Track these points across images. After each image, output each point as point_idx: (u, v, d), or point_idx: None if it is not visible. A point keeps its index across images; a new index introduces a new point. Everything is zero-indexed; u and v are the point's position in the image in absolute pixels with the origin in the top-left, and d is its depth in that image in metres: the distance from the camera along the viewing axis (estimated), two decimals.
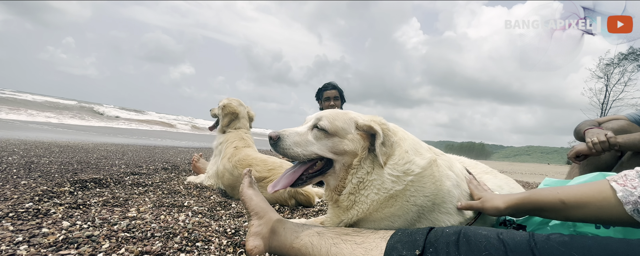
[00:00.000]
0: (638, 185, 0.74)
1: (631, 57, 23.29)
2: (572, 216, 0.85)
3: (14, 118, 12.96)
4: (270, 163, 2.20)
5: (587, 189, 0.83)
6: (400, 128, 1.24)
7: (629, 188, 0.75)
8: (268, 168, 2.17)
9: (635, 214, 0.74)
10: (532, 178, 7.30)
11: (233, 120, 2.66)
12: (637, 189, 0.74)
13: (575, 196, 0.83)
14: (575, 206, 0.83)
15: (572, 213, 0.84)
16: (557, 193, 0.87)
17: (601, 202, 0.79)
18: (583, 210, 0.82)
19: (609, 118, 2.01)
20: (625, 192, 0.75)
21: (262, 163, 2.21)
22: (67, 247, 1.00)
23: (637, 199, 0.73)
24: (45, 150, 3.83)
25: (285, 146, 1.12)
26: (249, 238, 1.11)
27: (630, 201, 0.74)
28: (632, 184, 0.75)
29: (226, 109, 2.65)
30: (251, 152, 2.42)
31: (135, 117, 24.87)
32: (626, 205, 0.74)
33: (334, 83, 3.87)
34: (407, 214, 1.10)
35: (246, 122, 2.73)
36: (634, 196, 0.74)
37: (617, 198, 0.76)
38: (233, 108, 2.64)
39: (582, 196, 0.82)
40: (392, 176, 1.08)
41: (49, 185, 1.88)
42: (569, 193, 0.85)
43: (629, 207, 0.74)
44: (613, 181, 0.79)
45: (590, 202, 0.81)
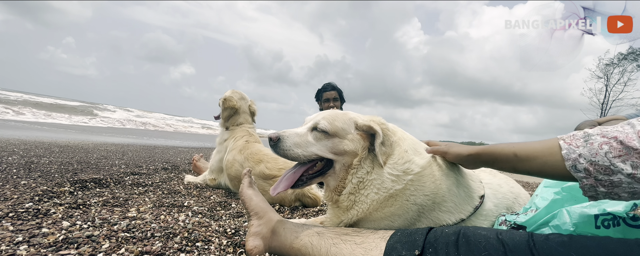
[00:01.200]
0: (581, 145, 0.79)
1: (631, 57, 23.29)
2: (520, 168, 0.91)
3: (13, 118, 12.96)
4: (281, 162, 2.17)
5: (539, 145, 0.88)
6: (399, 128, 1.25)
7: (573, 147, 0.80)
8: (278, 167, 2.15)
9: (573, 170, 0.79)
10: (532, 178, 7.30)
11: (232, 116, 2.58)
12: (580, 148, 0.79)
13: (526, 150, 0.89)
14: (524, 159, 0.89)
15: (520, 165, 0.90)
16: (513, 146, 0.93)
17: (547, 157, 0.84)
18: (530, 163, 0.88)
19: (609, 118, 2.01)
20: (569, 150, 0.80)
21: (273, 161, 2.18)
22: (67, 247, 1.00)
23: (577, 157, 0.78)
24: (45, 150, 3.83)
25: (286, 147, 1.12)
26: (249, 238, 1.12)
27: (571, 158, 0.79)
28: (576, 143, 0.80)
29: (226, 103, 2.57)
30: (262, 148, 2.39)
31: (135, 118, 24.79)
32: (566, 162, 0.80)
33: (333, 84, 3.86)
34: (407, 213, 1.10)
35: (248, 116, 2.66)
36: (575, 154, 0.79)
37: (561, 155, 0.81)
38: (233, 103, 2.56)
39: (533, 150, 0.88)
40: (391, 175, 1.08)
41: (49, 185, 1.88)
42: (523, 147, 0.91)
43: (568, 164, 0.79)
44: (561, 139, 0.84)
45: (538, 156, 0.86)
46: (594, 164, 0.76)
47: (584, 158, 0.78)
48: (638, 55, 23.12)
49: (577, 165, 0.79)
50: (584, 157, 0.78)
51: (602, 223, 0.93)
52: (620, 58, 23.80)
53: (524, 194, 1.50)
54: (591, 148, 0.77)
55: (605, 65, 24.50)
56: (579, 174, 0.79)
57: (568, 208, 1.02)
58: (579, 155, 0.78)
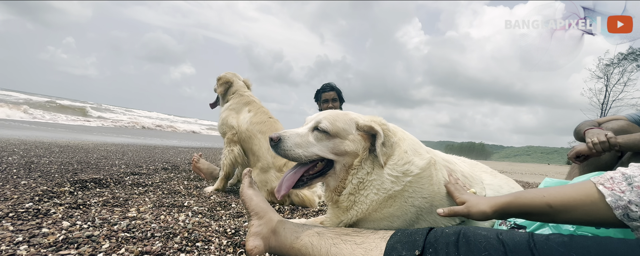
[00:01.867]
0: (626, 189, 0.73)
1: (631, 57, 23.29)
2: (559, 219, 0.84)
3: (13, 118, 12.96)
4: None
5: (574, 192, 0.81)
6: (399, 128, 1.24)
7: (617, 192, 0.74)
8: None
9: (626, 219, 0.73)
10: (532, 178, 7.30)
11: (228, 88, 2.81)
12: (626, 194, 0.72)
13: (562, 200, 0.81)
14: (562, 210, 0.81)
15: (559, 216, 0.83)
16: (544, 196, 0.84)
17: (590, 206, 0.77)
18: (571, 214, 0.80)
19: (609, 118, 2.01)
20: (614, 197, 0.74)
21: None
22: (67, 247, 1.00)
23: (627, 204, 0.72)
24: (45, 150, 3.83)
25: (286, 147, 1.12)
26: (249, 238, 1.11)
27: (620, 206, 0.73)
28: (620, 188, 0.74)
29: (220, 80, 2.81)
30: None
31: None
32: (616, 210, 0.73)
33: (332, 84, 3.86)
34: (405, 215, 1.10)
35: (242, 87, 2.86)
36: (623, 201, 0.72)
37: (605, 203, 0.74)
38: (227, 78, 2.81)
39: (569, 200, 0.80)
40: (391, 176, 1.08)
41: (49, 185, 1.88)
42: (556, 196, 0.83)
43: (618, 212, 0.73)
44: (600, 184, 0.77)
45: (578, 206, 0.79)
46: None
47: (635, 204, 0.71)
48: (638, 55, 23.11)
49: (629, 213, 0.72)
50: (635, 204, 0.71)
51: None
52: (620, 58, 23.81)
53: None
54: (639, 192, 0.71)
55: (605, 65, 24.51)
56: (634, 223, 0.72)
57: None
58: (629, 201, 0.72)
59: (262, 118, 2.55)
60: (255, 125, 2.49)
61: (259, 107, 2.68)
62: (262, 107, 2.70)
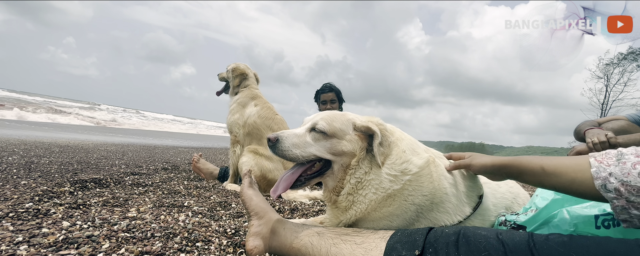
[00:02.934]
0: (613, 164, 0.76)
1: (631, 57, 23.28)
2: (546, 182, 0.89)
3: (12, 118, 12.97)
4: None
5: (568, 160, 0.85)
6: (397, 128, 1.25)
7: (604, 165, 0.77)
8: None
9: (602, 189, 0.75)
10: None
11: (243, 80, 2.94)
12: (611, 167, 0.76)
13: (554, 165, 0.86)
14: (552, 173, 0.86)
15: (547, 179, 0.88)
16: (541, 160, 0.91)
17: (576, 174, 0.81)
18: (558, 178, 0.85)
19: (609, 118, 2.01)
20: (599, 168, 0.77)
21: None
22: (67, 247, 1.00)
23: (607, 176, 0.75)
24: (45, 150, 3.83)
25: (284, 148, 1.12)
26: (249, 238, 1.12)
27: (601, 176, 0.76)
28: (608, 162, 0.77)
29: (236, 71, 2.93)
30: None
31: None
32: (595, 180, 0.76)
33: (330, 84, 3.86)
34: (405, 213, 1.10)
35: (254, 81, 3.00)
36: (605, 172, 0.76)
37: (590, 173, 0.78)
38: (242, 70, 2.93)
39: (561, 165, 0.85)
40: (389, 175, 1.08)
41: (49, 185, 1.88)
42: (551, 162, 0.88)
43: (597, 182, 0.76)
44: (593, 157, 0.81)
45: (566, 172, 0.83)
46: (625, 184, 0.72)
47: (615, 177, 0.74)
48: (638, 55, 23.11)
49: (606, 184, 0.75)
50: (615, 176, 0.74)
51: (602, 223, 0.93)
52: (620, 58, 23.81)
53: (523, 194, 1.51)
54: (623, 168, 0.73)
55: (606, 65, 24.51)
56: (609, 194, 0.75)
57: (568, 208, 1.02)
58: (609, 174, 0.75)
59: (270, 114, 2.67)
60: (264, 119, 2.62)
61: (265, 101, 2.80)
62: (267, 102, 2.82)
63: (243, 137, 2.67)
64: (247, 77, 2.94)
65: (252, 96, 2.82)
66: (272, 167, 2.47)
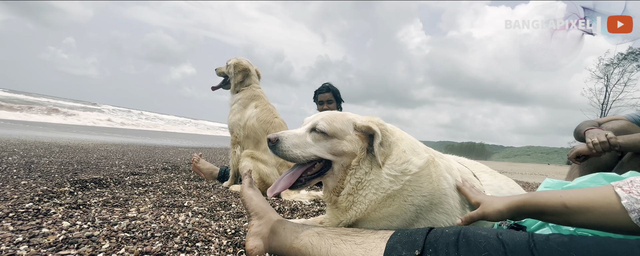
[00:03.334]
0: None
1: (631, 57, 23.28)
2: (574, 221, 0.82)
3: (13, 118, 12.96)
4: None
5: (591, 194, 0.79)
6: (397, 128, 1.25)
7: (635, 195, 0.72)
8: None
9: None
10: (532, 178, 7.30)
11: (245, 78, 2.85)
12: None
13: (578, 201, 0.80)
14: (578, 211, 0.80)
15: (574, 218, 0.81)
16: (560, 196, 0.83)
17: (605, 208, 0.75)
18: (586, 216, 0.79)
19: (609, 118, 2.01)
20: (630, 199, 0.72)
21: None
22: (67, 247, 1.00)
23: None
24: (45, 150, 3.83)
25: (284, 148, 1.12)
26: (249, 238, 1.11)
27: (636, 209, 0.71)
28: (638, 191, 0.72)
29: (238, 67, 2.83)
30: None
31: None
32: (631, 213, 0.71)
33: (328, 84, 3.86)
34: (405, 214, 1.10)
35: (256, 78, 2.93)
36: (638, 204, 0.71)
37: (621, 206, 0.73)
38: (244, 66, 2.84)
39: (586, 201, 0.79)
40: (389, 176, 1.08)
41: (49, 185, 1.88)
42: (572, 197, 0.81)
43: (634, 216, 0.71)
44: (618, 187, 0.76)
45: (593, 208, 0.77)
46: None
47: None
48: (638, 55, 23.11)
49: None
50: None
51: None
52: (620, 58, 23.80)
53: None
54: None
55: (605, 65, 24.51)
56: None
57: None
58: None
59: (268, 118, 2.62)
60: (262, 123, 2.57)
61: (266, 103, 2.75)
62: (268, 103, 2.77)
63: (243, 138, 2.65)
64: (250, 74, 2.86)
65: (254, 96, 2.76)
66: (268, 172, 2.45)
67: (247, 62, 2.93)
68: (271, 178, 2.45)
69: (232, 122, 2.72)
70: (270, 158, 2.50)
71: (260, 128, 2.58)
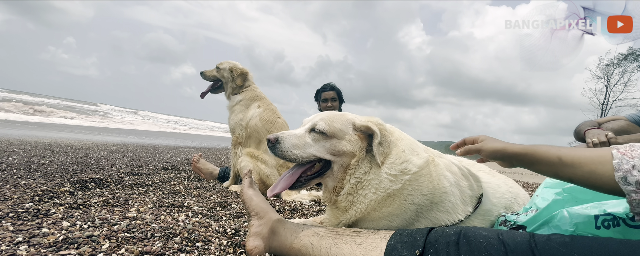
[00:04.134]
0: (637, 156, 0.73)
1: (631, 58, 23.27)
2: (562, 173, 0.84)
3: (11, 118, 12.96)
4: None
5: (589, 152, 0.81)
6: (396, 128, 1.25)
7: (627, 157, 0.74)
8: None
9: (622, 182, 0.73)
10: (532, 178, 7.30)
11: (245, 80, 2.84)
12: (635, 159, 0.72)
13: (573, 156, 0.82)
14: (569, 164, 0.82)
15: (563, 170, 0.83)
16: (559, 150, 0.86)
17: (596, 165, 0.77)
18: (575, 170, 0.81)
19: (609, 118, 2.01)
20: (621, 160, 0.74)
21: None
22: (67, 247, 1.00)
23: (630, 168, 0.72)
24: (45, 150, 3.83)
25: (284, 148, 1.12)
26: (249, 239, 1.11)
27: (623, 169, 0.73)
28: (632, 154, 0.74)
29: (236, 71, 2.80)
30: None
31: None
32: (616, 172, 0.73)
33: (332, 84, 3.89)
34: (405, 213, 1.10)
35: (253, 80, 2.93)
36: (628, 164, 0.73)
37: (611, 165, 0.75)
38: (241, 70, 2.82)
39: (581, 157, 0.81)
40: (389, 175, 1.08)
41: (49, 185, 1.88)
42: (569, 152, 0.84)
43: (618, 174, 0.73)
44: (616, 148, 0.78)
45: (585, 163, 0.79)
46: None
47: (638, 170, 0.71)
48: (638, 56, 23.11)
49: (628, 177, 0.72)
50: (638, 169, 0.71)
51: (603, 223, 0.93)
52: (621, 58, 23.80)
53: (523, 194, 1.50)
54: None
55: (606, 65, 24.50)
56: (628, 187, 0.72)
57: (568, 209, 1.02)
58: (633, 166, 0.72)
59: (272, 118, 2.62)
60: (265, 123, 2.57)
61: (268, 103, 2.76)
62: (271, 104, 2.78)
63: (245, 139, 2.65)
64: (248, 76, 2.88)
65: (255, 97, 2.77)
66: (269, 173, 2.45)
67: (242, 66, 2.92)
68: (271, 179, 2.45)
69: (233, 122, 2.72)
70: (271, 158, 2.50)
71: (262, 128, 2.58)
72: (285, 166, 2.50)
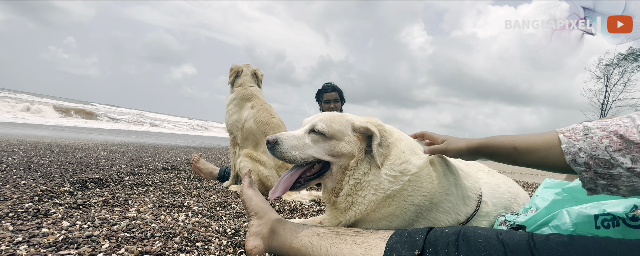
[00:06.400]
0: (581, 139, 0.80)
1: (631, 58, 23.28)
2: (519, 161, 0.92)
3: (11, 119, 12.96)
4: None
5: (538, 138, 0.89)
6: (396, 129, 1.25)
7: (573, 140, 0.81)
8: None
9: (572, 163, 0.80)
10: (532, 178, 7.30)
11: (236, 78, 2.89)
12: (579, 142, 0.80)
13: (526, 144, 0.90)
14: (524, 152, 0.90)
15: (520, 158, 0.91)
16: (512, 140, 0.94)
17: (547, 151, 0.85)
18: (530, 156, 0.89)
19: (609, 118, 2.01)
20: (568, 144, 0.81)
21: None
22: (67, 247, 1.00)
23: (577, 151, 0.79)
24: (45, 150, 3.83)
25: (283, 150, 1.12)
26: (249, 238, 1.12)
27: (571, 152, 0.80)
28: (576, 137, 0.81)
29: (232, 69, 2.91)
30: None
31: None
32: (566, 155, 0.81)
33: (333, 84, 3.87)
34: (405, 214, 1.10)
35: (249, 78, 2.91)
36: (575, 147, 0.80)
37: (560, 149, 0.82)
38: (237, 68, 2.90)
39: (533, 144, 0.89)
40: (389, 176, 1.08)
41: (48, 185, 1.88)
42: (522, 140, 0.92)
43: (568, 157, 0.81)
44: (561, 132, 0.85)
45: (537, 150, 0.87)
46: (594, 158, 0.77)
47: (584, 152, 0.78)
48: (638, 56, 23.11)
49: (577, 159, 0.79)
50: (584, 151, 0.78)
51: (602, 223, 0.93)
52: (620, 58, 23.81)
53: (523, 194, 1.50)
54: (591, 142, 0.78)
55: (605, 65, 24.51)
56: (578, 168, 0.80)
57: (568, 209, 1.02)
58: (579, 149, 0.79)
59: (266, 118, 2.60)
60: (259, 124, 2.57)
61: (262, 103, 2.73)
62: (264, 103, 2.75)
63: (242, 140, 2.64)
64: (241, 74, 2.87)
65: (247, 95, 2.74)
66: (268, 174, 2.45)
67: (245, 64, 2.94)
68: (270, 180, 2.44)
69: (229, 123, 2.72)
70: (269, 159, 2.50)
71: (258, 130, 2.56)
72: (284, 167, 2.49)
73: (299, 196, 2.32)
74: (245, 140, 2.62)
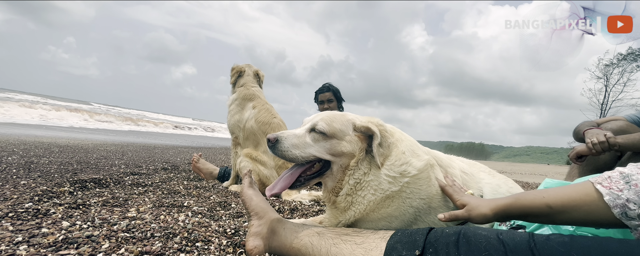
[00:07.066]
0: (624, 188, 0.73)
1: (630, 58, 23.31)
2: (559, 220, 0.84)
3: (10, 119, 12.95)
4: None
5: (573, 192, 0.81)
6: (397, 129, 1.25)
7: (615, 191, 0.74)
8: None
9: (624, 218, 0.73)
10: (532, 178, 7.30)
11: (238, 79, 2.91)
12: (624, 192, 0.73)
13: (561, 201, 0.81)
14: (562, 210, 0.81)
15: (559, 217, 0.83)
16: (543, 197, 0.84)
17: (589, 206, 0.77)
18: (570, 215, 0.80)
19: (608, 119, 2.02)
20: (611, 196, 0.74)
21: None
22: (67, 247, 1.00)
23: (625, 202, 0.72)
24: (45, 150, 3.83)
25: (284, 148, 1.12)
26: (249, 238, 1.11)
27: (618, 204, 0.73)
28: (618, 186, 0.74)
29: (233, 69, 2.93)
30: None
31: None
32: (614, 209, 0.73)
33: (328, 84, 3.88)
34: (404, 215, 1.10)
35: (251, 78, 2.93)
36: (621, 199, 0.73)
37: (604, 202, 0.75)
38: (239, 68, 2.92)
39: (569, 200, 0.80)
40: (388, 177, 1.08)
41: (48, 185, 1.88)
42: (556, 197, 0.82)
43: (617, 211, 0.73)
44: (598, 183, 0.78)
45: (577, 206, 0.79)
46: None
47: (633, 203, 0.71)
48: (637, 56, 23.13)
49: (627, 211, 0.71)
50: (633, 202, 0.71)
51: None
52: (620, 58, 23.83)
53: None
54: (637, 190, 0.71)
55: (605, 65, 24.54)
56: (632, 222, 0.72)
57: None
58: (627, 199, 0.72)
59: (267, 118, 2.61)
60: (260, 124, 2.57)
61: (263, 103, 2.74)
62: (266, 103, 2.76)
63: (243, 140, 2.65)
64: (243, 74, 2.88)
65: (248, 96, 2.75)
66: (268, 174, 2.45)
67: (246, 64, 2.95)
68: (271, 180, 2.44)
69: (231, 123, 2.72)
70: (270, 159, 2.50)
71: (259, 130, 2.57)
72: (284, 167, 2.49)
73: (299, 196, 2.32)
74: (247, 140, 2.62)
